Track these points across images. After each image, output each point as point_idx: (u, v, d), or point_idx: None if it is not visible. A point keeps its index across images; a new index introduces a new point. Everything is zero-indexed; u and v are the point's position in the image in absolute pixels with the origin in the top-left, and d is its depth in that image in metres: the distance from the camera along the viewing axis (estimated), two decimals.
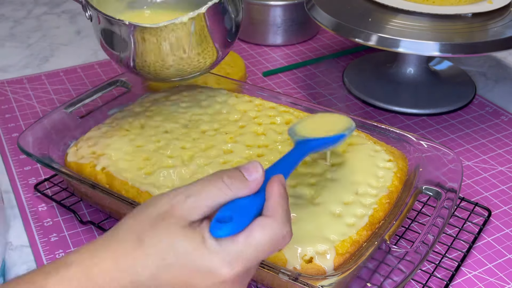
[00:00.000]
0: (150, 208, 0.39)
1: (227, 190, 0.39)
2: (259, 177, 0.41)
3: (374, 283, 0.50)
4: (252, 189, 0.41)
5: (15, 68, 0.97)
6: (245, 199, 0.40)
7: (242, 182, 0.40)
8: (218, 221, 0.39)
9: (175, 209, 0.39)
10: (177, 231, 0.38)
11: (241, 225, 0.39)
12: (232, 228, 0.38)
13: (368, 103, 0.86)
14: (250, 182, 0.40)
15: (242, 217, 0.39)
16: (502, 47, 0.73)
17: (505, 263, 0.60)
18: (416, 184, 0.59)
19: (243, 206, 0.40)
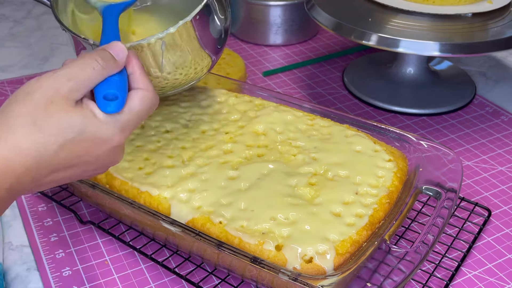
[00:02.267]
0: (35, 94, 0.42)
1: (103, 70, 0.45)
2: (124, 56, 0.46)
3: (374, 283, 0.50)
4: (121, 67, 0.46)
5: (15, 68, 0.97)
6: (116, 76, 0.46)
7: (114, 63, 0.46)
8: (105, 99, 0.44)
9: (60, 92, 0.42)
10: (69, 110, 0.42)
11: (123, 100, 0.45)
12: (119, 104, 0.44)
13: (368, 103, 0.86)
14: (119, 61, 0.46)
15: (123, 93, 0.45)
16: (502, 47, 0.73)
17: (505, 263, 0.60)
18: (416, 184, 0.59)
19: (118, 83, 0.45)
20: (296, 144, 0.63)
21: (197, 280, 0.57)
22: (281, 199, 0.55)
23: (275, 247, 0.51)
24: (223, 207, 0.55)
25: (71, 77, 0.43)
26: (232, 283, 0.57)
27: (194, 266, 0.59)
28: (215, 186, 0.57)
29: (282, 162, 0.61)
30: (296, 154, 0.62)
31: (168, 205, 0.56)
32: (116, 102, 0.44)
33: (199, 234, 0.52)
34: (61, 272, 0.59)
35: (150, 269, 0.59)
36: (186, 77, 0.61)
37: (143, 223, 0.60)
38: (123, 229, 0.63)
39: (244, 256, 0.50)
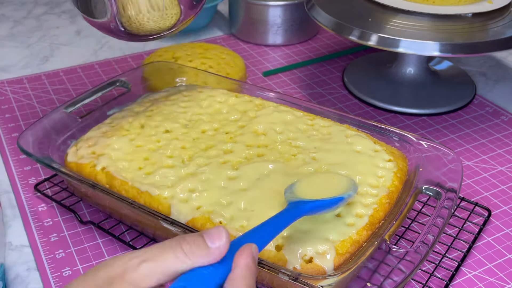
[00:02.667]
0: (101, 271, 0.37)
1: (185, 258, 0.36)
2: (222, 245, 0.37)
3: (374, 283, 0.50)
4: (214, 258, 0.37)
5: (15, 68, 0.97)
6: (206, 269, 0.37)
7: (203, 250, 0.37)
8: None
9: (126, 274, 0.36)
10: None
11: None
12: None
13: (368, 103, 0.86)
14: (212, 250, 0.37)
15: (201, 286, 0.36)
16: (502, 47, 0.73)
17: (505, 263, 0.60)
18: (416, 184, 0.59)
19: (202, 277, 0.37)
20: (296, 144, 0.63)
21: None
22: (281, 199, 0.55)
23: (275, 247, 0.51)
24: (223, 207, 0.55)
25: (145, 259, 0.36)
26: None
27: None
28: (215, 186, 0.57)
29: (282, 162, 0.61)
30: (296, 154, 0.62)
31: (168, 205, 0.56)
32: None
33: None
34: (61, 272, 0.59)
35: None
36: (155, 23, 0.61)
37: (143, 223, 0.60)
38: (123, 229, 0.63)
39: None
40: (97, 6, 0.61)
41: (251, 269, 0.37)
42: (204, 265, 0.37)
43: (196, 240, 0.37)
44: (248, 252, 0.38)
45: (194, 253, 0.37)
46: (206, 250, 0.37)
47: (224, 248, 0.37)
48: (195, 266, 0.37)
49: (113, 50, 1.03)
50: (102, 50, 1.02)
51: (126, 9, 0.60)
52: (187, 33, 1.09)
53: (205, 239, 0.37)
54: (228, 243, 0.38)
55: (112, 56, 1.00)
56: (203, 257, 0.37)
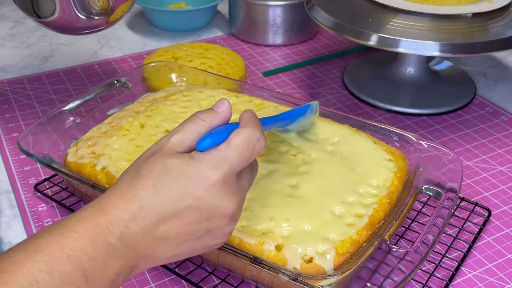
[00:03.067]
0: (145, 153, 0.45)
1: (203, 122, 0.45)
2: (226, 107, 0.46)
3: (374, 283, 0.50)
4: (224, 117, 0.46)
5: (15, 68, 0.97)
6: (223, 126, 0.46)
7: (214, 113, 0.46)
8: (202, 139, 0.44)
9: (163, 147, 0.44)
10: (167, 157, 0.43)
11: (220, 137, 0.44)
12: (212, 139, 0.43)
13: (368, 103, 0.86)
14: (221, 111, 0.46)
15: (220, 132, 0.44)
16: (502, 47, 0.73)
17: (505, 263, 0.60)
18: (416, 184, 0.59)
19: (218, 130, 0.45)
20: (296, 144, 0.63)
21: (197, 280, 0.57)
22: (281, 199, 0.55)
23: (275, 247, 0.51)
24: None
25: (173, 133, 0.45)
26: (232, 283, 0.57)
27: (194, 266, 0.59)
28: None
29: (282, 162, 0.61)
30: (296, 154, 0.62)
31: None
32: (209, 139, 0.43)
33: None
34: None
35: (150, 269, 0.59)
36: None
37: None
38: None
39: (244, 256, 0.50)
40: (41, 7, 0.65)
41: (254, 116, 0.46)
42: (218, 125, 0.45)
43: (207, 110, 0.46)
44: (249, 111, 0.47)
45: (208, 117, 0.45)
46: (216, 113, 0.46)
47: (228, 109, 0.46)
48: (211, 127, 0.45)
49: (113, 50, 1.03)
50: (102, 50, 1.02)
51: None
52: (187, 33, 1.09)
53: (213, 107, 0.46)
54: (230, 106, 0.46)
55: (112, 56, 1.00)
56: (215, 119, 0.45)
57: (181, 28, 1.09)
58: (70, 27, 0.70)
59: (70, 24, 0.69)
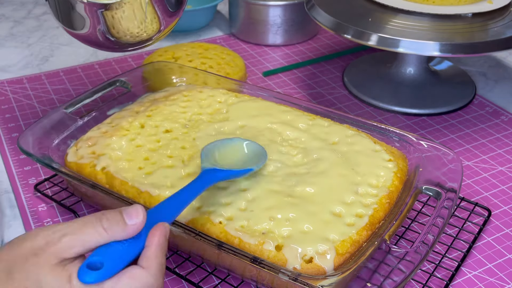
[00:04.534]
0: (26, 242, 0.40)
1: (103, 232, 0.40)
2: (138, 222, 0.41)
3: (374, 283, 0.50)
4: (130, 234, 0.41)
5: (15, 68, 0.97)
6: (122, 244, 0.41)
7: (120, 226, 0.41)
8: (88, 267, 0.39)
9: (49, 246, 0.39)
10: (45, 268, 0.38)
11: (110, 272, 0.39)
12: (99, 275, 0.39)
13: (368, 103, 0.86)
14: (129, 226, 0.41)
15: (112, 264, 0.39)
16: (502, 47, 0.73)
17: (505, 263, 0.60)
18: (416, 184, 0.59)
19: (117, 251, 0.40)
20: (296, 144, 0.63)
21: (197, 280, 0.57)
22: (281, 199, 0.55)
23: (275, 247, 0.51)
24: (223, 207, 0.55)
25: (66, 233, 0.40)
26: (232, 283, 0.57)
27: (194, 266, 0.59)
28: (215, 186, 0.57)
29: (282, 162, 0.61)
30: (296, 154, 0.62)
31: None
32: (97, 272, 0.39)
33: (199, 234, 0.52)
34: None
35: None
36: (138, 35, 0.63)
37: None
38: None
39: (244, 256, 0.50)
40: (75, 20, 0.63)
41: (163, 247, 0.42)
42: (121, 239, 0.41)
43: (115, 216, 0.41)
44: (160, 231, 0.42)
45: (112, 228, 0.40)
46: (123, 226, 0.41)
47: (140, 225, 0.42)
48: (112, 240, 0.40)
49: None
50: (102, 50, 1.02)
51: (112, 25, 0.62)
52: (187, 33, 1.09)
53: (123, 216, 0.41)
54: (144, 219, 0.42)
55: (112, 56, 1.00)
56: (120, 232, 0.41)
57: (181, 28, 1.09)
58: (105, 45, 0.67)
59: (105, 43, 0.66)
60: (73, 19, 0.63)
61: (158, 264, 0.41)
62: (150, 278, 0.40)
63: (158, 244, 0.42)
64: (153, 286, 0.40)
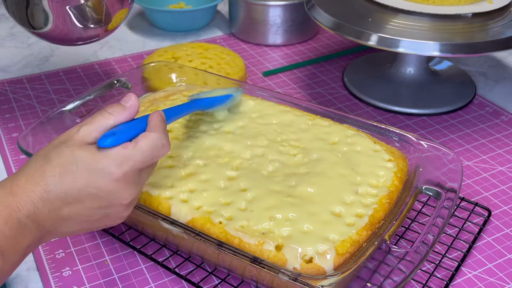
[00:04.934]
0: (56, 140, 0.49)
1: (110, 115, 0.49)
2: (133, 102, 0.50)
3: (374, 283, 0.50)
4: (131, 113, 0.50)
5: (15, 68, 0.97)
6: (128, 123, 0.50)
7: (121, 108, 0.50)
8: (105, 136, 0.48)
9: (72, 136, 0.48)
10: (76, 148, 0.47)
11: (122, 137, 0.48)
12: (114, 139, 0.47)
13: (368, 103, 0.86)
14: (127, 107, 0.50)
15: (123, 132, 0.48)
16: (502, 47, 0.73)
17: (505, 263, 0.60)
18: (416, 184, 0.59)
19: (125, 126, 0.49)
20: (296, 144, 0.63)
21: (197, 280, 0.57)
22: (281, 199, 0.55)
23: (275, 247, 0.51)
24: (223, 207, 0.55)
25: (82, 124, 0.49)
26: (232, 283, 0.57)
27: (194, 266, 0.59)
28: (215, 186, 0.57)
29: (282, 162, 0.61)
30: (296, 154, 0.62)
31: (168, 205, 0.56)
32: (113, 137, 0.47)
33: (199, 234, 0.52)
34: (61, 272, 0.59)
35: (150, 269, 0.59)
36: None
37: (143, 223, 0.60)
38: (123, 229, 0.63)
39: (244, 256, 0.50)
40: (35, 17, 0.68)
41: (162, 120, 0.51)
42: (125, 120, 0.50)
43: (115, 104, 0.50)
44: (158, 113, 0.51)
45: (115, 111, 0.49)
46: (123, 108, 0.50)
47: (135, 104, 0.50)
48: (118, 122, 0.49)
49: (113, 50, 1.03)
50: (102, 50, 1.02)
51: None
52: (187, 33, 1.09)
53: (121, 102, 0.50)
54: (137, 101, 0.51)
55: (112, 56, 1.00)
56: (122, 113, 0.50)
57: (181, 28, 1.09)
58: (65, 38, 0.71)
59: (65, 35, 0.70)
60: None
61: (161, 128, 0.50)
62: (159, 135, 0.49)
63: (158, 118, 0.50)
64: (161, 141, 0.49)
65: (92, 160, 0.47)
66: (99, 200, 0.47)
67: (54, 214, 0.46)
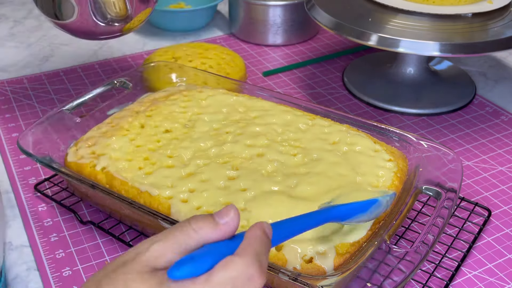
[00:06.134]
0: (116, 259, 0.38)
1: (194, 233, 0.37)
2: (229, 220, 0.38)
3: (374, 283, 0.50)
4: (224, 232, 0.38)
5: (15, 68, 0.97)
6: (217, 244, 0.37)
7: (211, 226, 0.37)
8: (179, 263, 0.36)
9: (139, 256, 0.37)
10: (133, 275, 0.36)
11: (202, 265, 0.36)
12: (191, 268, 0.35)
13: (368, 103, 0.86)
14: (220, 225, 0.38)
15: (205, 257, 0.36)
16: (502, 47, 0.73)
17: (505, 263, 0.60)
18: (416, 184, 0.59)
19: (210, 249, 0.37)
20: (296, 144, 0.63)
21: None
22: (281, 199, 0.55)
23: (275, 247, 0.51)
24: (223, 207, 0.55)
25: (156, 241, 0.37)
26: None
27: None
28: (215, 186, 0.57)
29: (282, 162, 0.61)
30: (296, 154, 0.62)
31: (168, 205, 0.56)
32: (188, 266, 0.35)
33: None
34: (61, 272, 0.59)
35: None
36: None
37: (143, 223, 0.60)
38: (123, 229, 0.63)
39: None
40: (62, 8, 0.69)
41: (260, 239, 0.37)
42: (214, 240, 0.37)
43: (205, 217, 0.38)
44: (259, 226, 0.38)
45: (202, 228, 0.37)
46: (215, 226, 0.37)
47: (232, 222, 0.38)
48: (204, 242, 0.37)
49: (113, 50, 1.03)
50: (102, 50, 1.02)
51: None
52: (187, 33, 1.09)
53: (215, 217, 0.38)
54: (236, 217, 0.38)
55: (112, 56, 1.00)
56: (212, 232, 0.37)
57: (181, 28, 1.09)
58: (87, 31, 0.72)
59: (87, 28, 0.71)
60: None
61: (253, 251, 0.36)
62: (243, 265, 0.36)
63: (255, 235, 0.37)
64: (247, 273, 0.36)
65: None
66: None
67: None
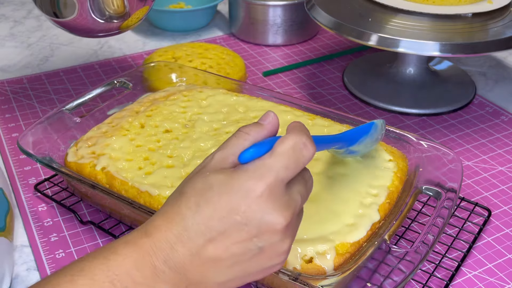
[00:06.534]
0: (198, 167, 0.43)
1: (247, 135, 0.42)
2: (271, 119, 0.43)
3: (374, 283, 0.50)
4: (269, 130, 0.43)
5: (15, 68, 0.97)
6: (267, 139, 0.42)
7: (259, 126, 0.42)
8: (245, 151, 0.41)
9: (207, 165, 0.42)
10: (210, 172, 0.41)
11: (264, 147, 0.41)
12: (255, 150, 0.40)
13: (368, 103, 0.86)
14: (265, 125, 0.43)
15: (264, 143, 0.41)
16: (502, 47, 0.73)
17: (505, 263, 0.60)
18: (416, 184, 0.59)
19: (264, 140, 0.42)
20: None
21: None
22: None
23: None
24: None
25: (216, 151, 0.42)
26: None
27: None
28: None
29: None
30: None
31: None
32: (252, 149, 0.40)
33: None
34: None
35: None
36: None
37: None
38: (123, 229, 0.63)
39: None
40: (61, 6, 0.70)
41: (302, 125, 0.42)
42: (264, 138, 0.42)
43: (252, 123, 0.43)
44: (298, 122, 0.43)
45: (252, 129, 0.42)
46: (261, 126, 0.42)
47: (274, 121, 0.43)
48: (255, 141, 0.42)
49: (113, 50, 1.03)
50: (102, 50, 1.02)
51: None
52: (187, 33, 1.09)
53: (259, 120, 0.43)
54: (276, 118, 0.43)
55: (112, 56, 1.00)
56: (260, 132, 0.42)
57: (181, 28, 1.09)
58: (85, 29, 0.72)
59: (86, 26, 0.71)
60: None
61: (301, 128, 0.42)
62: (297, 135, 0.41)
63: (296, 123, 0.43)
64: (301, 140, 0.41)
65: (228, 180, 0.39)
66: (247, 229, 0.39)
67: (197, 256, 0.39)
